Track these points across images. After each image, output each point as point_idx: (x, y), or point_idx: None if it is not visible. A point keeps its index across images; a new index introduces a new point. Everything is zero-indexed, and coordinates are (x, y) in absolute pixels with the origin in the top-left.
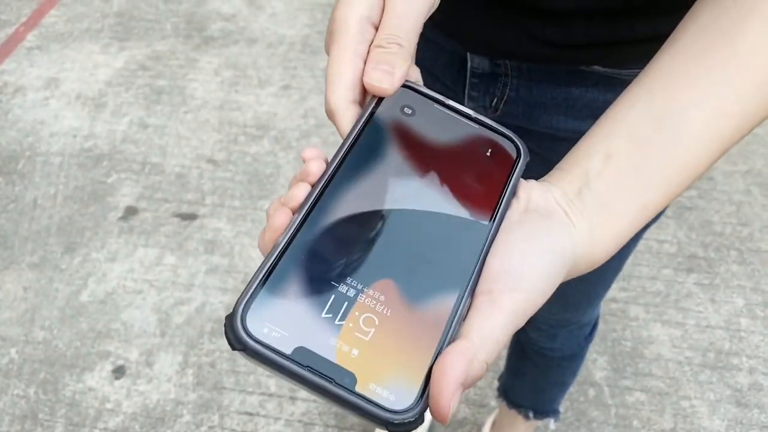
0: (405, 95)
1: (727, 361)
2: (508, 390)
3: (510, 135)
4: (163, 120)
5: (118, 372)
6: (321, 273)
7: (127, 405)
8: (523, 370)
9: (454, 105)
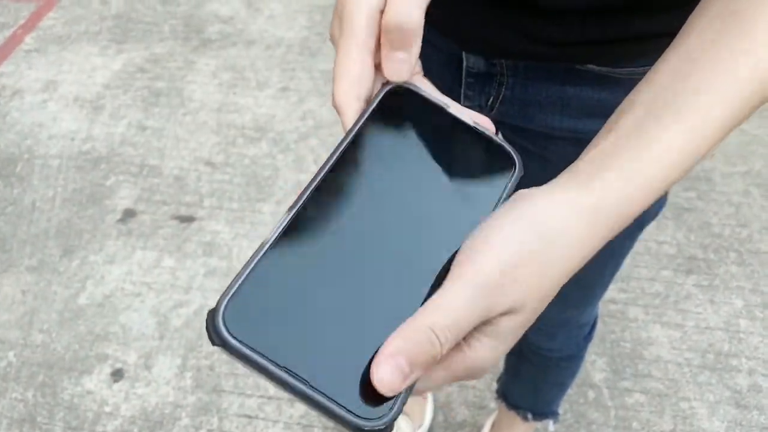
0: (407, 99)
1: (727, 363)
2: (506, 391)
3: (507, 148)
4: (161, 122)
5: (116, 375)
6: (305, 274)
7: (126, 408)
8: (522, 371)
9: (454, 114)
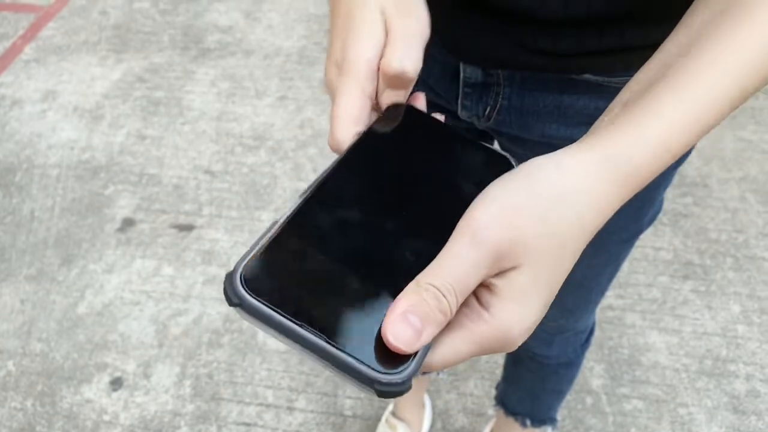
0: (408, 112)
1: (724, 368)
2: (505, 398)
3: (502, 152)
4: (161, 131)
5: (115, 383)
6: (319, 243)
7: (125, 417)
8: (520, 377)
9: (451, 127)
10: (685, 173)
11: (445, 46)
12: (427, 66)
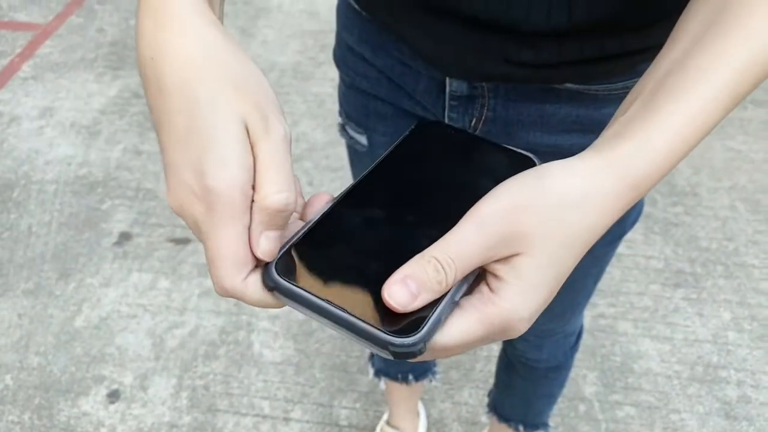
0: (434, 128)
1: (716, 375)
2: (497, 405)
3: (528, 155)
4: (157, 147)
5: (112, 396)
6: (343, 241)
7: (122, 429)
8: (512, 383)
9: (474, 134)
10: (676, 183)
11: (431, 63)
12: (414, 79)
